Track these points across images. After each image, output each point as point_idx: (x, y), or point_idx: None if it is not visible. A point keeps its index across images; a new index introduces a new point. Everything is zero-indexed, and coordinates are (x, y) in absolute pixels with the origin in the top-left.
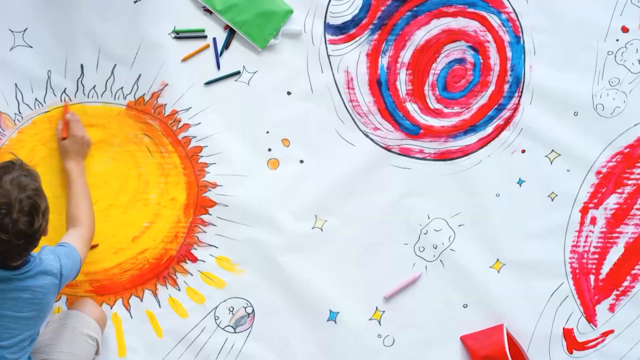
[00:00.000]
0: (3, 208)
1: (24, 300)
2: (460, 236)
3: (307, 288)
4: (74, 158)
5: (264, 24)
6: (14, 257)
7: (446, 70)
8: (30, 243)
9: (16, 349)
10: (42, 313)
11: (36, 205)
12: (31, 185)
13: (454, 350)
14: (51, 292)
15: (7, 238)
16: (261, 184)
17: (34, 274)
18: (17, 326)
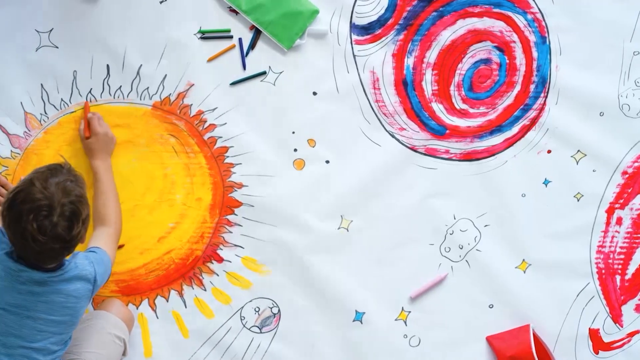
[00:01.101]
0: (44, 210)
1: (57, 303)
2: (486, 236)
3: (333, 288)
4: (100, 156)
5: (289, 24)
6: (48, 260)
7: (472, 71)
8: (66, 248)
9: (46, 352)
10: (74, 318)
11: (77, 212)
12: (76, 191)
13: (480, 350)
14: (84, 297)
15: (43, 240)
16: (287, 185)
17: (68, 277)
18: (48, 329)
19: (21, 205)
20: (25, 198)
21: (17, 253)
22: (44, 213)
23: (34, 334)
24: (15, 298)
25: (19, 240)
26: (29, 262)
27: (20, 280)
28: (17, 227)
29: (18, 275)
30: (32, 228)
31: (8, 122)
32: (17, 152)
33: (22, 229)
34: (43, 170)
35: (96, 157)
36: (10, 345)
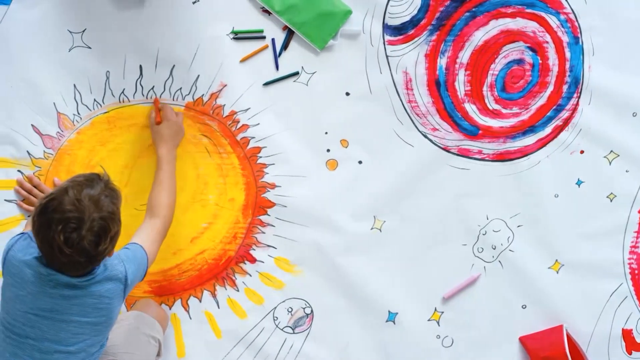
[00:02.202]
0: (73, 222)
1: (90, 305)
2: (519, 237)
3: (365, 289)
4: (167, 145)
5: (322, 25)
6: (72, 271)
7: (505, 71)
8: (91, 262)
9: (84, 354)
10: (109, 319)
11: (107, 229)
12: (108, 207)
13: (513, 351)
14: (117, 297)
15: (69, 252)
16: (320, 185)
17: (99, 279)
18: (83, 331)
19: (52, 214)
20: (56, 207)
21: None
22: (73, 225)
23: (70, 337)
24: (47, 302)
25: (46, 248)
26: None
27: (51, 285)
28: (46, 236)
29: (49, 280)
30: (59, 239)
31: (41, 123)
32: (50, 152)
33: (50, 238)
34: (80, 180)
35: (163, 145)
36: (46, 351)
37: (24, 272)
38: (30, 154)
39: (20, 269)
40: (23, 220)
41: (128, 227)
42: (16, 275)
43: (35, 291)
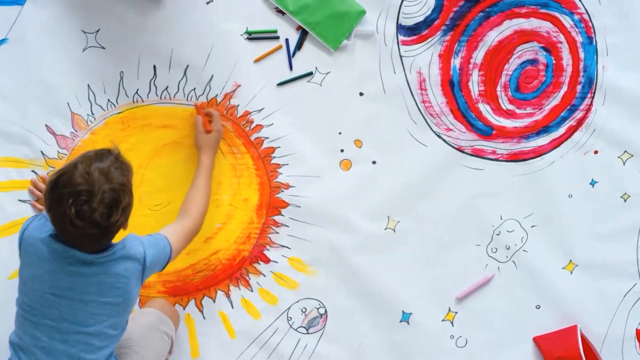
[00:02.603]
0: (84, 195)
1: (107, 284)
2: (532, 237)
3: (379, 289)
4: (209, 152)
5: (336, 25)
6: (87, 245)
7: (519, 71)
8: (104, 235)
9: (103, 336)
10: (127, 300)
11: (118, 200)
12: (119, 179)
13: (527, 351)
14: (134, 277)
15: (81, 225)
16: (334, 185)
17: (116, 257)
18: (101, 312)
19: (62, 189)
20: (66, 182)
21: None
22: (84, 198)
23: (88, 317)
24: (65, 281)
25: (59, 223)
26: (73, 246)
27: (68, 262)
28: (57, 211)
29: (65, 257)
30: (71, 212)
31: (55, 123)
32: (64, 152)
33: (62, 213)
34: (90, 155)
35: (206, 152)
36: (65, 331)
37: (41, 249)
38: (44, 154)
39: (37, 247)
40: None
41: (142, 227)
42: (33, 254)
43: (52, 269)
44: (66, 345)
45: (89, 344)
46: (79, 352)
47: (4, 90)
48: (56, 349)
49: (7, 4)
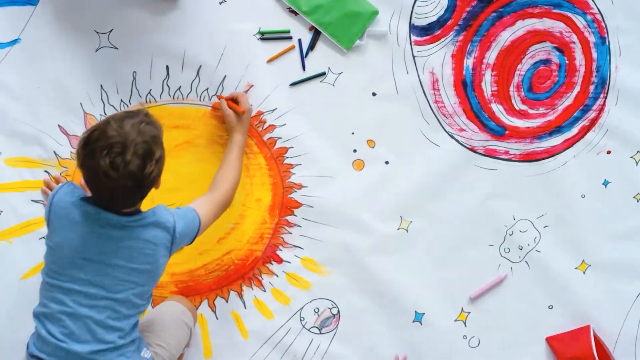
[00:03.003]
0: (117, 147)
1: (137, 250)
2: (545, 237)
3: (392, 289)
4: (242, 130)
5: (349, 25)
6: (121, 201)
7: (531, 71)
8: (139, 188)
9: (129, 304)
10: (154, 269)
11: (150, 151)
12: (151, 132)
13: (539, 351)
14: (163, 246)
15: (115, 176)
16: (346, 185)
17: (146, 223)
18: (129, 278)
19: (95, 143)
20: (99, 136)
21: (93, 198)
22: (117, 150)
23: (116, 283)
24: (96, 244)
25: (93, 178)
26: (105, 206)
27: (100, 224)
28: (91, 164)
29: (97, 219)
30: (105, 164)
31: (68, 123)
32: None
33: (95, 165)
34: (120, 113)
35: (240, 130)
36: (93, 297)
37: (72, 212)
38: (57, 155)
39: (68, 211)
40: None
41: None
42: (64, 217)
43: (83, 232)
44: (93, 311)
45: (116, 311)
46: (106, 319)
47: (16, 90)
48: (83, 315)
49: (20, 4)
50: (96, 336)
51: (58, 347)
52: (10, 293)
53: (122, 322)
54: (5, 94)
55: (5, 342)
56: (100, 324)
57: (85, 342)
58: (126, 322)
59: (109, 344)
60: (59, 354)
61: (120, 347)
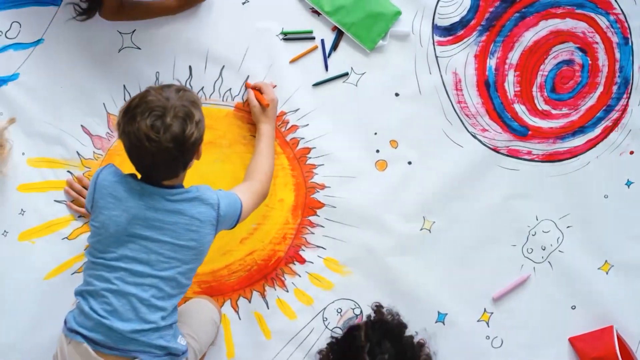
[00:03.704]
0: (158, 110)
1: (182, 226)
2: (568, 238)
3: (415, 289)
4: (270, 120)
5: (372, 26)
6: (163, 170)
7: (554, 72)
8: (180, 152)
9: (174, 283)
10: (200, 246)
11: (190, 113)
12: (190, 97)
13: (562, 351)
14: (208, 223)
15: (157, 138)
16: (369, 186)
17: (190, 197)
18: (176, 256)
19: (136, 109)
20: (139, 102)
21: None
22: (158, 113)
23: (161, 261)
24: (142, 220)
25: (135, 144)
26: (148, 180)
27: (144, 199)
28: (132, 129)
29: (141, 194)
30: (146, 126)
31: (91, 123)
32: (100, 153)
33: (137, 129)
34: (156, 85)
35: (266, 121)
36: (138, 274)
37: (117, 190)
38: (80, 155)
39: (113, 188)
40: (73, 220)
41: None
42: (109, 195)
43: (128, 208)
44: (138, 289)
45: (161, 290)
46: (150, 298)
47: (39, 90)
48: (127, 292)
49: (43, 4)
50: (139, 315)
51: (100, 323)
52: (33, 293)
53: (166, 301)
54: (28, 94)
55: (29, 342)
56: (145, 302)
57: (128, 320)
58: (170, 302)
59: (151, 324)
60: (100, 330)
61: (161, 328)
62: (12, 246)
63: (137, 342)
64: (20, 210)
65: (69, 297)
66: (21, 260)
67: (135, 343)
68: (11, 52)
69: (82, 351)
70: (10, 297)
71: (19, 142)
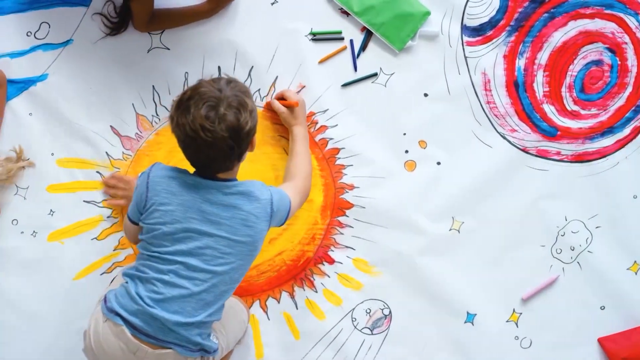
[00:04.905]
0: (212, 101)
1: (239, 221)
2: (597, 238)
3: (444, 290)
4: (301, 121)
5: (401, 26)
6: (218, 162)
7: (583, 72)
8: (235, 141)
9: (228, 278)
10: (254, 242)
11: (244, 103)
12: (242, 87)
13: (592, 352)
14: (263, 219)
15: (212, 128)
16: (398, 186)
17: (244, 191)
18: (231, 251)
19: (189, 101)
20: (192, 94)
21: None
22: (211, 104)
23: (216, 256)
24: (197, 215)
25: (189, 136)
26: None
27: (199, 193)
28: (186, 120)
29: (196, 188)
30: (201, 117)
31: (120, 124)
32: (129, 153)
33: (191, 120)
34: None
35: (297, 123)
36: (193, 268)
37: (171, 185)
38: (109, 155)
39: (167, 184)
40: (102, 221)
41: None
42: (163, 190)
43: (184, 202)
44: (191, 283)
45: (214, 285)
46: (201, 292)
47: (68, 91)
48: (180, 285)
49: (72, 5)
50: (187, 309)
51: (143, 310)
52: (62, 294)
53: (217, 297)
54: (57, 95)
55: (57, 342)
56: (195, 296)
57: (174, 312)
58: (219, 299)
59: (196, 319)
60: (141, 317)
61: (203, 324)
62: (42, 247)
63: (177, 334)
64: (50, 210)
65: (97, 298)
66: (50, 260)
67: (175, 335)
68: (40, 52)
69: (119, 332)
70: (39, 297)
71: (47, 143)
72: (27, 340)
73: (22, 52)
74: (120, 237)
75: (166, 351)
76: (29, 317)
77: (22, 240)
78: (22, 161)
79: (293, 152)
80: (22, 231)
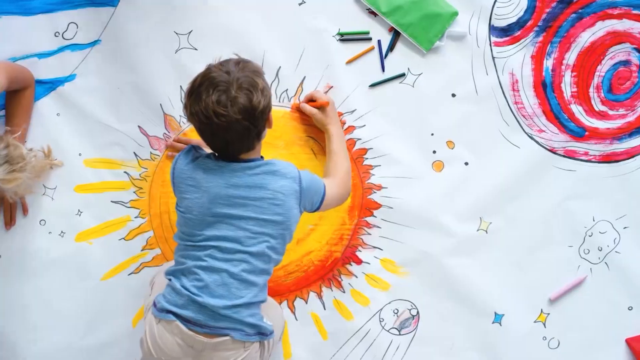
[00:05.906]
0: (222, 85)
1: (266, 200)
2: (625, 238)
3: (471, 290)
4: (334, 121)
5: (429, 26)
6: (237, 144)
7: (611, 72)
8: (251, 122)
9: (266, 258)
10: (287, 219)
11: (254, 83)
12: (251, 67)
13: (619, 352)
14: (292, 197)
15: (225, 112)
16: (426, 186)
17: (270, 170)
18: (263, 231)
19: (199, 87)
20: (202, 80)
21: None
22: (222, 88)
23: (249, 237)
24: (224, 198)
25: (204, 122)
26: (225, 157)
27: (223, 177)
28: (199, 108)
29: (220, 172)
30: (213, 103)
31: (148, 124)
32: (157, 153)
33: (204, 107)
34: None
35: (330, 122)
36: (227, 251)
37: (196, 173)
38: (137, 155)
39: (192, 173)
40: (129, 221)
41: None
42: (188, 179)
43: (209, 188)
44: (229, 264)
45: (252, 264)
46: (241, 272)
47: (96, 91)
48: (218, 268)
49: (100, 5)
50: (230, 290)
51: (191, 300)
52: (90, 294)
53: (258, 276)
54: (85, 95)
55: (85, 343)
56: (236, 277)
57: (219, 296)
58: (261, 278)
59: (242, 299)
60: (191, 308)
61: (252, 305)
62: (69, 247)
63: (229, 319)
64: (77, 211)
65: (125, 298)
66: (78, 261)
67: (227, 320)
68: (68, 52)
69: (173, 328)
70: (67, 297)
71: (75, 143)
72: (54, 339)
73: (50, 52)
74: (148, 237)
75: (223, 339)
76: (56, 317)
77: (50, 241)
78: (51, 161)
79: (331, 151)
80: (50, 231)
